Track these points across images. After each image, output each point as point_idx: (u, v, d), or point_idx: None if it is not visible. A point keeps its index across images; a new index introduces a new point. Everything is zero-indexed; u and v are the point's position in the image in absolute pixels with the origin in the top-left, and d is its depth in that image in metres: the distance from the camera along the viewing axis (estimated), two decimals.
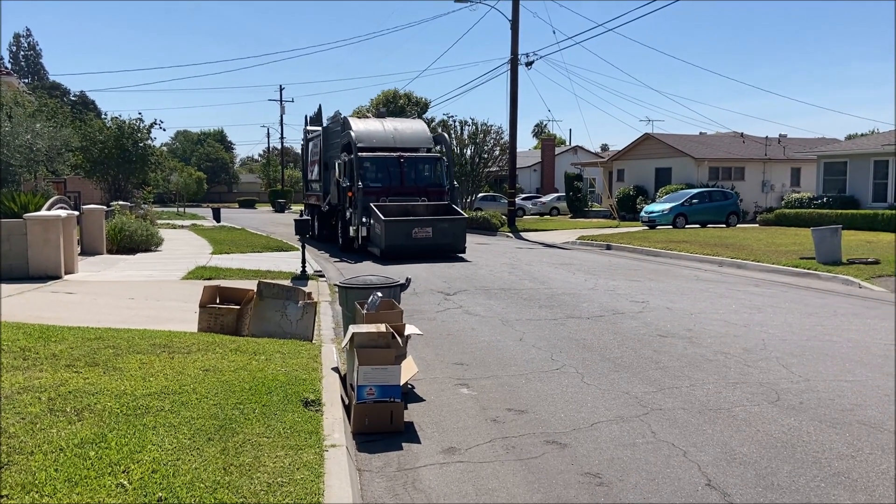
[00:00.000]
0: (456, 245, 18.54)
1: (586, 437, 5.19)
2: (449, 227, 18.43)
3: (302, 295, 8.06)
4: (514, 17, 27.45)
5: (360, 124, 21.34)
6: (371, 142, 20.50)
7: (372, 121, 22.25)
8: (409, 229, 17.92)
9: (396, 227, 17.77)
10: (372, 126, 21.46)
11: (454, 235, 18.44)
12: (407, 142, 21.24)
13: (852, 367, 7.11)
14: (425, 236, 18.01)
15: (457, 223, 18.72)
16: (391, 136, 21.15)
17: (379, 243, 17.94)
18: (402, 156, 20.38)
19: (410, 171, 20.45)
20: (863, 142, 31.91)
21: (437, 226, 18.30)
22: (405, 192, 19.95)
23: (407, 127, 22.40)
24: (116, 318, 8.64)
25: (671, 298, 11.57)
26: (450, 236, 18.34)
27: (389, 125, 21.88)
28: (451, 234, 18.37)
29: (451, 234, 18.34)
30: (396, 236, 17.69)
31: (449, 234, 18.31)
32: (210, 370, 5.92)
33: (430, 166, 20.87)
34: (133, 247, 17.85)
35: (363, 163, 19.77)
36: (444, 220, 18.62)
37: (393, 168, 20.24)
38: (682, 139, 39.44)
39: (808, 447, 4.96)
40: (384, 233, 17.61)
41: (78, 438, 4.25)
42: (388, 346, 5.48)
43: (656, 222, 29.43)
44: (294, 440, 4.47)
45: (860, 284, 13.04)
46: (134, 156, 32.51)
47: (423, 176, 20.65)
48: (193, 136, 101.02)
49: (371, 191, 19.39)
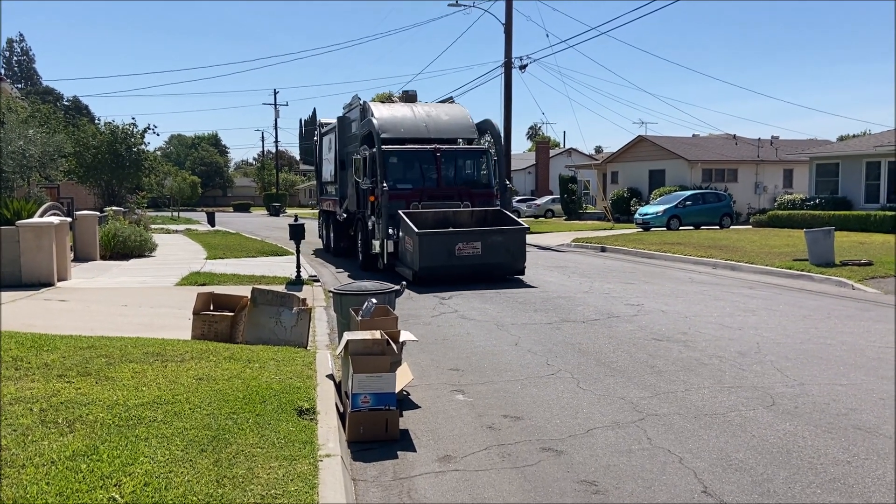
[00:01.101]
0: (513, 263, 14.56)
1: (582, 443, 5.17)
2: (503, 241, 14.35)
3: (296, 301, 8.03)
4: (508, 20, 27.49)
5: (383, 110, 17.19)
6: (398, 131, 16.43)
7: (399, 105, 17.90)
8: (450, 244, 13.85)
9: (434, 242, 13.79)
10: (399, 112, 17.22)
11: (510, 251, 14.39)
12: (444, 131, 17.10)
13: (847, 371, 7.11)
14: (472, 253, 13.97)
15: (513, 235, 14.56)
16: (423, 125, 16.96)
17: (411, 263, 14.03)
18: (439, 149, 16.16)
19: (449, 167, 16.45)
20: (855, 143, 32.04)
21: (488, 239, 14.17)
22: (443, 194, 15.91)
23: (443, 112, 17.92)
24: (109, 326, 8.59)
25: (666, 301, 11.57)
26: (504, 252, 14.32)
27: (421, 111, 17.54)
28: (506, 249, 14.34)
29: (505, 250, 14.32)
30: (434, 254, 13.75)
31: (503, 250, 14.30)
32: (203, 379, 5.89)
33: (474, 162, 16.87)
34: (126, 252, 17.78)
35: (388, 158, 15.73)
36: (498, 232, 14.45)
37: (427, 165, 16.14)
38: (675, 141, 39.54)
39: (803, 453, 4.95)
40: (418, 249, 13.66)
41: (70, 451, 4.21)
42: (383, 353, 5.45)
43: (650, 224, 29.50)
44: (288, 450, 4.44)
45: (853, 286, 13.07)
46: (127, 161, 32.48)
47: (465, 174, 16.72)
48: (188, 140, 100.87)
49: (399, 194, 15.37)
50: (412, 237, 13.84)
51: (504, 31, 27.74)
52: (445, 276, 13.85)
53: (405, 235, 14.34)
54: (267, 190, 77.67)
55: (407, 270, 14.19)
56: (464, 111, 18.20)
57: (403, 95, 18.83)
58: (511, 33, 27.66)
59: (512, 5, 27.40)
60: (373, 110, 16.88)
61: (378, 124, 16.08)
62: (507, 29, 27.66)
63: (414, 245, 13.81)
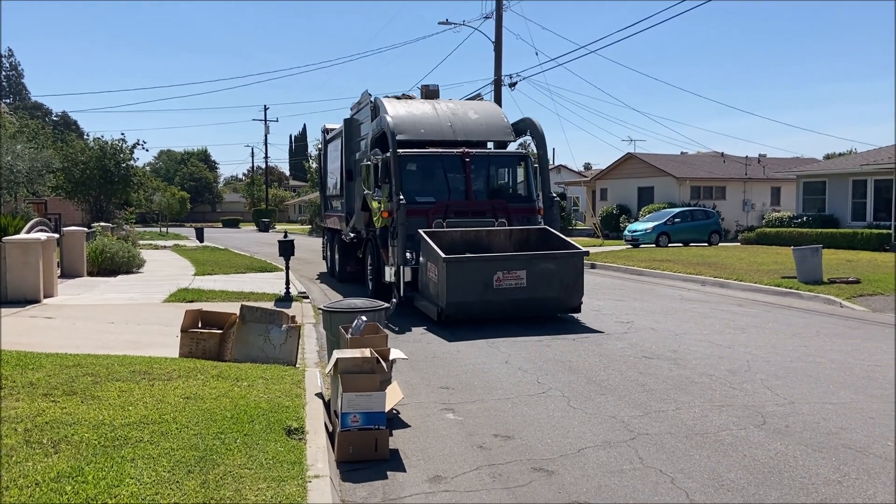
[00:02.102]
0: (567, 298, 11.37)
1: (573, 463, 5.14)
2: (555, 269, 11.17)
3: (285, 318, 7.98)
4: (498, 39, 27.69)
5: (399, 107, 14.20)
6: (417, 132, 13.60)
7: (417, 102, 14.83)
8: (487, 274, 10.79)
9: (466, 271, 10.75)
10: (418, 109, 14.32)
11: (563, 283, 11.22)
12: (473, 132, 14.12)
13: (836, 389, 7.13)
14: (515, 285, 10.90)
15: (568, 262, 11.36)
16: (448, 124, 14.03)
17: (435, 297, 11.05)
18: (468, 153, 13.24)
19: (480, 176, 13.53)
20: (841, 162, 32.36)
21: (537, 266, 11.05)
22: (473, 210, 12.98)
23: (472, 110, 14.80)
24: (96, 344, 8.50)
25: (656, 319, 11.58)
26: (557, 284, 11.18)
27: (445, 108, 14.58)
28: (559, 280, 11.19)
29: (558, 281, 11.19)
30: (466, 286, 10.73)
31: (555, 281, 11.16)
32: (191, 398, 5.82)
33: (510, 169, 14.03)
34: (114, 269, 17.64)
35: (406, 164, 12.91)
36: (548, 258, 11.28)
37: (453, 173, 13.24)
38: (663, 159, 39.84)
39: (794, 472, 4.94)
40: (445, 279, 10.63)
41: (54, 472, 4.14)
42: (373, 371, 5.41)
43: (639, 241, 29.61)
44: (276, 471, 4.39)
45: (841, 304, 13.14)
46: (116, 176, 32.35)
47: (500, 184, 13.93)
48: (177, 156, 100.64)
49: (419, 209, 12.52)
50: (437, 264, 10.84)
51: (494, 50, 27.94)
52: (482, 314, 10.97)
53: (427, 261, 11.35)
54: (256, 205, 77.49)
55: (430, 306, 11.25)
56: (496, 109, 15.23)
57: (424, 90, 15.52)
58: (501, 51, 27.85)
59: (502, 24, 27.63)
60: (386, 107, 13.94)
61: (393, 123, 13.09)
62: (496, 47, 27.85)
63: (440, 274, 10.79)
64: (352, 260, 16.38)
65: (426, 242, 11.34)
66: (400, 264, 11.95)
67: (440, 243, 11.23)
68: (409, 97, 15.36)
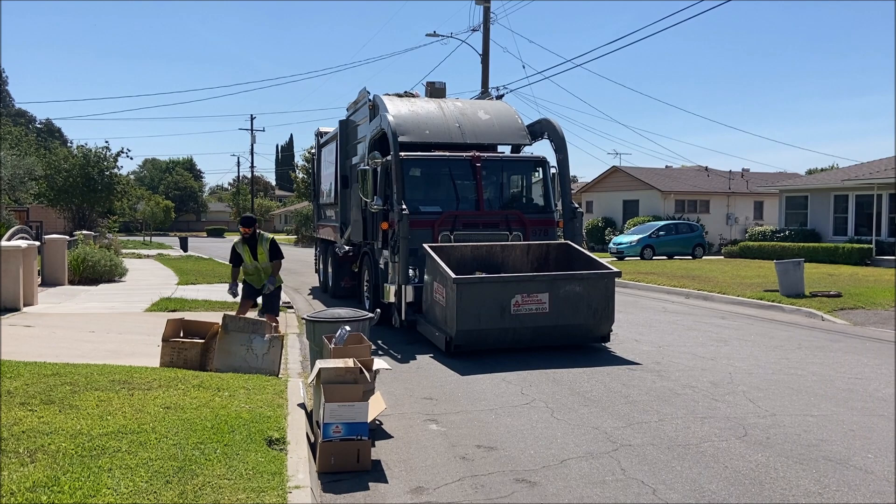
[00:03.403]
0: (596, 325, 9.96)
1: (556, 474, 5.13)
2: (583, 292, 9.73)
3: (268, 328, 7.93)
4: (485, 51, 27.83)
5: (401, 106, 12.64)
6: (422, 133, 12.16)
7: (421, 101, 13.28)
8: (504, 297, 9.38)
9: (480, 294, 9.35)
10: (422, 109, 12.79)
11: (592, 307, 9.80)
12: (484, 134, 12.64)
13: (817, 402, 7.17)
14: (537, 310, 9.48)
15: (597, 283, 9.88)
16: (456, 125, 12.55)
17: (443, 322, 9.71)
18: (479, 157, 11.80)
19: (492, 183, 12.15)
20: (823, 177, 32.76)
21: (561, 288, 9.62)
22: (484, 221, 11.63)
23: (482, 110, 13.27)
24: (75, 353, 8.40)
25: (640, 331, 11.62)
26: (585, 309, 9.75)
27: (452, 107, 13.08)
28: (587, 304, 9.76)
29: (586, 306, 9.75)
30: (480, 311, 9.31)
31: (583, 306, 9.74)
32: (171, 408, 5.76)
33: (525, 176, 12.58)
34: (96, 277, 17.49)
35: (409, 169, 11.56)
36: (574, 279, 9.76)
37: (462, 179, 11.91)
38: (648, 172, 40.16)
39: (775, 484, 4.96)
40: (455, 303, 9.24)
41: (30, 481, 4.08)
42: (356, 381, 5.38)
43: (624, 254, 29.78)
44: (256, 482, 4.34)
45: (823, 317, 13.26)
46: (99, 184, 32.09)
47: (514, 192, 12.57)
48: (162, 165, 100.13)
49: (423, 220, 11.18)
50: (446, 285, 9.49)
51: (481, 62, 28.08)
52: (495, 345, 9.59)
53: (433, 280, 10.02)
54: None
55: (437, 333, 9.84)
56: (509, 109, 13.55)
57: (429, 88, 14.20)
58: (488, 64, 27.99)
59: (489, 37, 27.78)
60: (387, 105, 12.40)
61: (395, 123, 11.67)
62: (484, 60, 27.99)
63: (448, 297, 9.43)
64: (346, 275, 14.95)
65: (432, 259, 9.99)
66: (401, 282, 10.64)
67: (448, 260, 10.01)
68: (413, 95, 13.71)
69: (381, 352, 9.75)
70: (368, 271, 12.87)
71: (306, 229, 46.38)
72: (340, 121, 15.09)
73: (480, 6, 27.25)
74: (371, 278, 12.59)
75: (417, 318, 10.68)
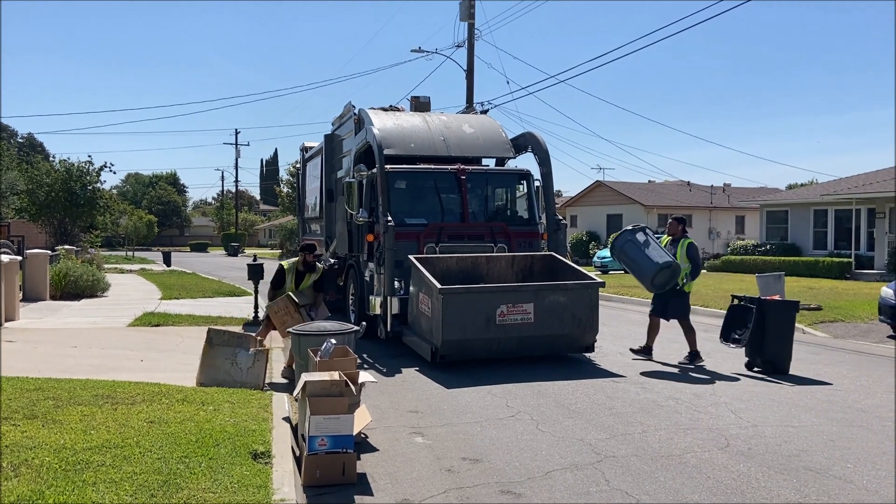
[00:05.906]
0: (581, 335, 10.14)
1: (541, 486, 5.16)
2: (567, 302, 9.90)
3: (253, 342, 7.93)
4: (469, 67, 28.06)
5: (386, 119, 12.82)
6: (407, 146, 12.34)
7: (406, 115, 13.55)
8: (489, 307, 9.52)
9: (465, 304, 9.46)
10: (407, 122, 12.98)
11: (576, 317, 9.96)
12: (468, 147, 12.84)
13: (798, 413, 7.27)
14: (522, 320, 9.64)
15: (581, 293, 10.09)
16: (441, 139, 12.74)
17: (428, 333, 9.78)
18: (464, 170, 12.01)
19: (477, 196, 12.30)
20: (803, 191, 33.23)
21: (546, 298, 9.79)
22: (469, 233, 11.80)
23: (466, 124, 13.45)
24: (58, 368, 8.34)
25: (624, 343, 11.71)
26: (570, 319, 9.91)
27: (437, 121, 13.27)
28: (572, 314, 9.92)
29: (570, 315, 9.91)
30: (466, 321, 9.43)
31: (567, 315, 9.89)
32: (155, 422, 5.75)
33: (510, 189, 12.82)
34: (78, 292, 17.35)
35: (394, 182, 11.77)
36: (559, 289, 9.97)
37: (447, 192, 12.08)
38: (631, 187, 40.54)
39: (757, 494, 5.02)
40: (441, 313, 9.34)
41: (14, 496, 4.06)
42: (342, 394, 5.40)
43: (609, 267, 29.95)
44: (241, 496, 4.35)
45: (803, 330, 13.41)
46: (82, 199, 31.85)
47: (499, 205, 12.77)
48: (145, 179, 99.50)
49: (409, 232, 11.31)
50: (431, 295, 9.56)
51: (466, 78, 28.29)
52: (481, 355, 9.72)
53: (419, 292, 10.16)
54: (226, 230, 76.79)
55: (422, 344, 9.94)
56: (493, 123, 13.76)
57: (414, 102, 14.47)
58: (472, 79, 28.21)
59: (473, 53, 28.01)
60: (372, 119, 12.55)
61: (380, 136, 11.81)
62: (468, 75, 28.21)
63: (434, 307, 9.50)
64: (332, 288, 14.41)
65: (418, 270, 10.10)
66: (387, 294, 10.70)
67: (434, 271, 10.10)
68: (398, 109, 14.09)
69: (366, 365, 9.72)
70: (354, 284, 12.93)
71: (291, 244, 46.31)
72: (325, 135, 15.15)
73: (465, 23, 27.50)
74: (356, 291, 12.64)
75: (403, 330, 10.71)
